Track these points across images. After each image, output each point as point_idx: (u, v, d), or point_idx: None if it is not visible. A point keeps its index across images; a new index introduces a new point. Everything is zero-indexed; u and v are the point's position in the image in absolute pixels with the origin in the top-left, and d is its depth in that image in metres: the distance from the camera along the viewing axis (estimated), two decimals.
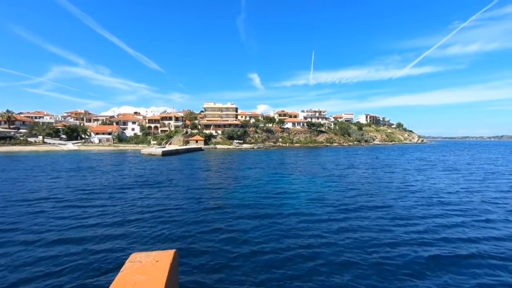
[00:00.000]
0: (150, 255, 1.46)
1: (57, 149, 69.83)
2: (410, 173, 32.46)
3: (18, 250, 10.27)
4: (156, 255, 1.46)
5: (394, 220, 14.33)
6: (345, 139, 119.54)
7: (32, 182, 24.32)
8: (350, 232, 12.70)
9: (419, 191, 21.37)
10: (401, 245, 11.12)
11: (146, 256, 1.45)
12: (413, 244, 11.10)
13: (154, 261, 1.39)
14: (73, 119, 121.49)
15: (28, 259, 9.59)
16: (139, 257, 1.45)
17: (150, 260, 1.40)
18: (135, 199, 18.56)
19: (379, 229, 12.92)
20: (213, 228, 13.04)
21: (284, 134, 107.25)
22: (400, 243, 11.32)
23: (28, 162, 41.62)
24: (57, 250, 10.35)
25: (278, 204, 17.58)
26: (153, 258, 1.43)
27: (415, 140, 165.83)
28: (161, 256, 1.44)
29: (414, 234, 12.26)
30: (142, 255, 1.46)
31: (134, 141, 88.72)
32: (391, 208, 16.43)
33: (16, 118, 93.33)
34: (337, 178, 27.94)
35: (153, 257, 1.44)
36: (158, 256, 1.45)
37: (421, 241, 11.39)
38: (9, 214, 15.01)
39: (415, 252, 10.42)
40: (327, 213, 15.64)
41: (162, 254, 1.47)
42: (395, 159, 52.98)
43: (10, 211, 15.41)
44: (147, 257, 1.44)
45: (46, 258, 9.64)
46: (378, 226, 13.40)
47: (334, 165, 41.02)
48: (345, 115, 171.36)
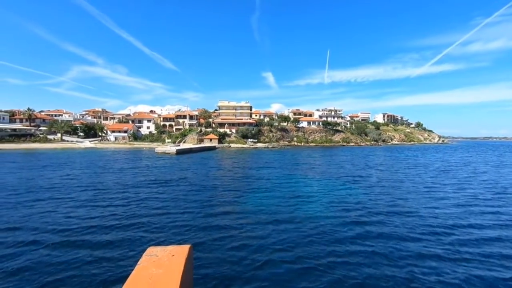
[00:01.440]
0: (166, 249, 1.49)
1: (74, 146, 70.92)
2: (437, 175, 30.15)
3: (37, 248, 10.26)
4: (172, 249, 1.49)
5: (424, 227, 12.96)
6: (362, 138, 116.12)
7: (46, 180, 24.05)
8: (372, 239, 11.43)
9: (451, 198, 19.36)
10: (433, 258, 9.69)
11: (162, 250, 1.49)
12: (447, 260, 9.59)
13: (170, 255, 1.42)
14: (91, 117, 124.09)
15: (49, 255, 9.65)
16: (156, 251, 1.48)
17: (166, 254, 1.43)
18: (148, 198, 18.20)
19: (405, 238, 11.56)
20: (225, 232, 12.20)
21: (299, 133, 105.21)
22: (432, 256, 9.90)
23: (47, 160, 42.00)
24: (76, 246, 10.49)
25: (294, 207, 16.44)
26: (169, 252, 1.45)
27: (436, 140, 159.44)
28: (176, 251, 1.47)
29: (447, 246, 10.71)
30: (159, 249, 1.49)
31: (149, 139, 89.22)
32: (419, 215, 14.90)
33: (36, 116, 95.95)
34: (357, 180, 26.31)
35: (169, 251, 1.47)
36: (174, 250, 1.47)
37: (456, 256, 9.84)
38: (28, 211, 14.73)
39: (451, 268, 8.96)
40: (347, 218, 14.36)
41: (178, 249, 1.49)
42: (417, 159, 50.14)
43: (31, 208, 15.02)
44: (163, 251, 1.47)
45: (67, 255, 9.70)
46: (404, 234, 11.98)
47: (352, 165, 39.11)
48: (362, 114, 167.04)
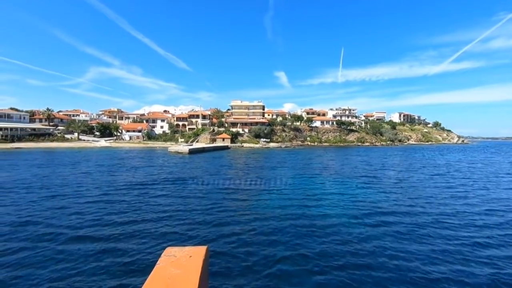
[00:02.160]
0: (184, 250, 1.52)
1: (90, 145, 72.35)
2: (465, 178, 28.52)
3: (51, 246, 10.23)
4: (190, 250, 1.52)
5: (455, 230, 11.98)
6: (377, 138, 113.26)
7: (64, 177, 24.27)
8: (392, 245, 10.55)
9: (480, 203, 17.99)
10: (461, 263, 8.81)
11: (180, 250, 1.52)
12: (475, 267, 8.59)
13: (187, 256, 1.45)
14: (107, 117, 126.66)
15: (63, 254, 9.60)
16: (174, 251, 1.51)
17: (184, 255, 1.46)
18: (160, 197, 18.18)
19: (432, 246, 10.56)
20: (237, 233, 11.86)
21: (312, 133, 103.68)
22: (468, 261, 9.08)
23: (65, 158, 42.78)
24: (93, 244, 10.51)
25: (309, 208, 15.77)
26: (186, 253, 1.49)
27: (455, 140, 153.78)
28: (194, 252, 1.50)
29: (482, 258, 9.57)
30: (176, 250, 1.52)
31: (163, 138, 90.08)
32: (445, 222, 13.67)
33: (55, 116, 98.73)
34: (373, 181, 25.22)
35: (187, 252, 1.50)
36: (191, 251, 1.50)
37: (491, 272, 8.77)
38: (47, 209, 14.95)
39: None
40: (365, 221, 13.45)
41: (195, 250, 1.52)
42: (438, 160, 48.05)
43: (50, 206, 14.98)
44: (181, 251, 1.50)
45: (84, 253, 9.67)
46: (430, 242, 10.96)
47: (369, 165, 37.77)
48: (377, 114, 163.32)
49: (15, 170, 29.48)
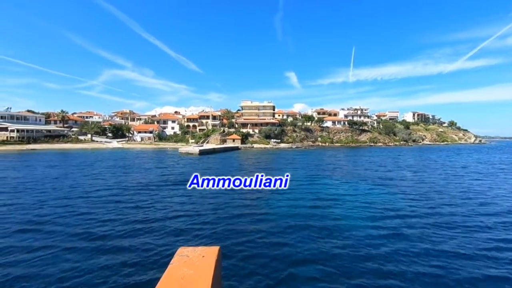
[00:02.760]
0: (197, 250, 1.53)
1: (103, 146, 73.34)
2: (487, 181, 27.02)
3: (68, 247, 10.29)
4: (202, 250, 1.53)
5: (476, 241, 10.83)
6: (390, 138, 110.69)
7: (78, 178, 24.33)
8: (412, 252, 9.69)
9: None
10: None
11: (193, 250, 1.52)
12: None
13: (200, 256, 1.46)
14: (119, 118, 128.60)
15: (77, 253, 9.69)
16: (187, 251, 1.52)
17: (196, 255, 1.47)
18: (169, 198, 18.22)
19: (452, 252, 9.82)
20: (246, 236, 11.53)
21: (323, 133, 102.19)
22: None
23: (79, 159, 43.26)
24: (108, 243, 10.62)
25: (323, 214, 15.01)
26: (199, 253, 1.49)
27: (472, 140, 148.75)
28: (206, 252, 1.50)
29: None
30: (189, 250, 1.53)
31: (174, 139, 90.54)
32: (468, 226, 12.80)
33: (69, 118, 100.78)
34: (390, 183, 24.10)
35: (199, 252, 1.51)
36: (204, 251, 1.51)
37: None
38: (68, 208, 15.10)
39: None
40: (382, 226, 12.70)
41: (208, 250, 1.53)
42: (460, 160, 46.17)
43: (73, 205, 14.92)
44: (194, 251, 1.51)
45: (97, 251, 9.80)
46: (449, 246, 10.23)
47: (384, 167, 36.50)
48: (389, 113, 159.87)
49: (33, 169, 30.13)
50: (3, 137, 68.77)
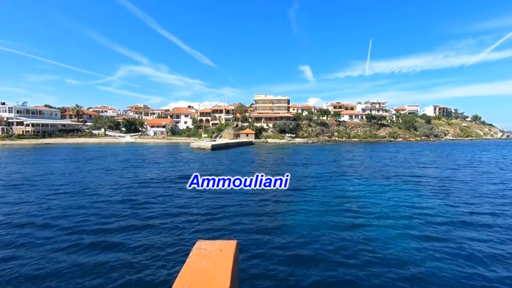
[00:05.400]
0: (215, 244, 1.53)
1: (116, 141, 72.89)
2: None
3: (88, 239, 10.20)
4: (220, 244, 1.53)
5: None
6: (410, 133, 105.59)
7: (92, 172, 23.25)
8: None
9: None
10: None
11: (211, 244, 1.52)
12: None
13: (218, 250, 1.46)
14: (133, 112, 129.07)
15: (95, 247, 9.52)
16: (205, 244, 1.52)
17: (214, 249, 1.47)
18: (182, 191, 17.98)
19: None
20: (262, 234, 10.86)
21: (340, 127, 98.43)
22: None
23: (92, 152, 42.49)
24: (123, 238, 10.41)
25: (345, 214, 13.37)
26: (217, 246, 1.49)
27: (498, 135, 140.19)
28: (224, 246, 1.51)
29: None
30: (207, 243, 1.53)
31: (186, 134, 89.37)
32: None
33: (83, 112, 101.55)
34: (426, 182, 21.37)
35: (217, 245, 1.50)
36: (222, 245, 1.51)
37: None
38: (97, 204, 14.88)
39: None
40: (421, 237, 10.35)
41: (226, 244, 1.53)
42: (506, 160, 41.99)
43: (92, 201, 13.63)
44: (212, 245, 1.51)
45: (117, 248, 9.56)
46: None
47: (414, 163, 33.34)
48: (409, 107, 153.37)
49: (54, 163, 30.13)
50: (19, 131, 69.40)
